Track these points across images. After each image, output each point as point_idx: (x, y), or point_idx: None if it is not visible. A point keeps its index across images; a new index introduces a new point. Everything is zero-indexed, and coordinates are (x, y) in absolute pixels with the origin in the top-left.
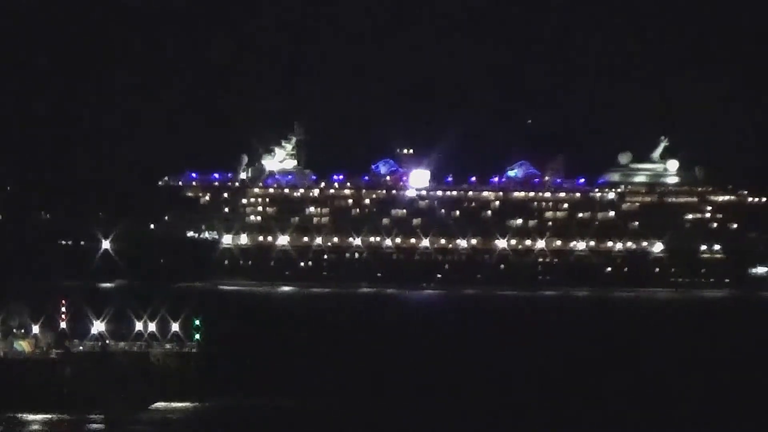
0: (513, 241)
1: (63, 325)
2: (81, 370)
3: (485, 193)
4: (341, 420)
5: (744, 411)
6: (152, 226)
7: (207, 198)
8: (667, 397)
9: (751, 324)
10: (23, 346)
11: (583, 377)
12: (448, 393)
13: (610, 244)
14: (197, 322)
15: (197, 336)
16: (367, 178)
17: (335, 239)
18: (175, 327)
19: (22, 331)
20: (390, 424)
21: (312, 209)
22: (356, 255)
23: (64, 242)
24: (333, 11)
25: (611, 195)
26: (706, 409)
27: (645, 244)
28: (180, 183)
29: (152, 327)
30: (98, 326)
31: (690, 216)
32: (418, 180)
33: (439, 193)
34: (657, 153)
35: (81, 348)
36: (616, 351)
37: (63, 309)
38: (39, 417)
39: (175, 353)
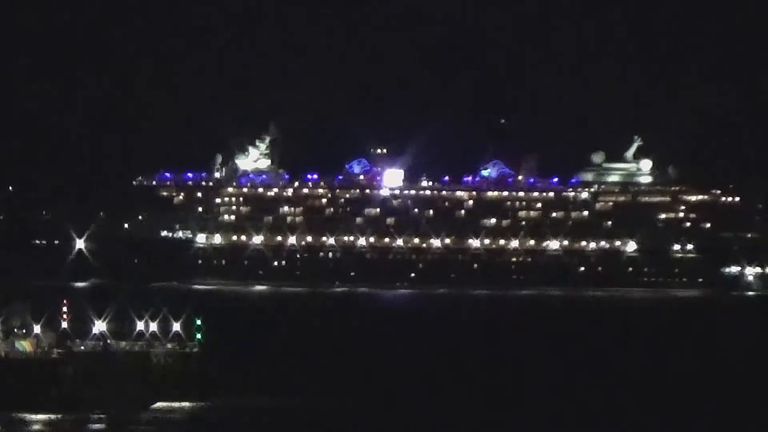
0: (486, 241)
1: (64, 325)
2: (82, 369)
3: (459, 193)
4: (341, 420)
5: (716, 410)
6: (126, 225)
7: (181, 197)
8: (638, 396)
9: (723, 323)
10: (24, 346)
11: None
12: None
13: (583, 243)
14: (199, 322)
15: (198, 336)
16: (340, 177)
17: (309, 239)
18: (176, 327)
19: (24, 331)
20: (389, 424)
21: (286, 209)
22: (330, 254)
23: (38, 242)
24: (306, 10)
25: (585, 195)
26: (674, 408)
27: (618, 243)
28: (154, 183)
29: (153, 327)
30: (99, 326)
31: (663, 215)
32: (391, 179)
33: (413, 192)
34: (630, 153)
35: (82, 348)
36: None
37: (64, 309)
38: (40, 417)
39: (176, 353)
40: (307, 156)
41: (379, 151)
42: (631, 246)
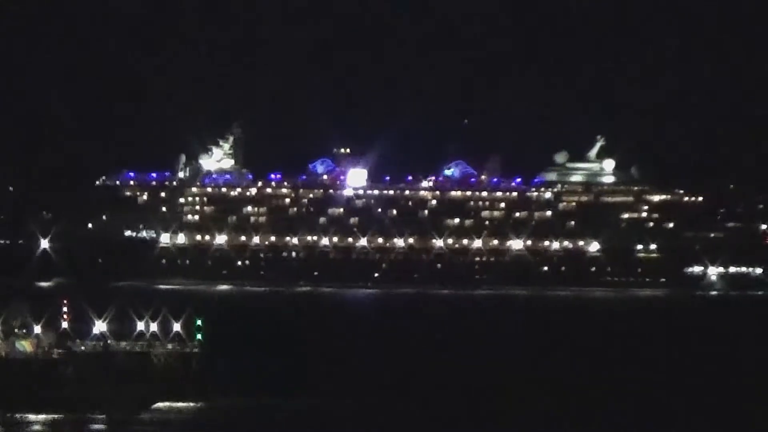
0: (450, 241)
1: (65, 325)
2: (83, 370)
3: (422, 193)
4: (340, 419)
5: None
6: (90, 225)
7: (144, 197)
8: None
9: (687, 323)
10: (25, 346)
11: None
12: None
13: (546, 243)
14: (199, 322)
15: (199, 336)
16: (304, 177)
17: (272, 238)
18: (176, 327)
19: (24, 331)
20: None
21: (249, 208)
22: (293, 254)
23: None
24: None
25: (548, 194)
26: (636, 407)
27: (581, 243)
28: (117, 182)
29: (154, 327)
30: (99, 326)
31: (626, 215)
32: (355, 179)
33: (376, 192)
34: (593, 152)
35: (83, 348)
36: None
37: (65, 309)
38: (40, 417)
39: (176, 353)
40: (271, 156)
41: (342, 150)
42: (595, 246)
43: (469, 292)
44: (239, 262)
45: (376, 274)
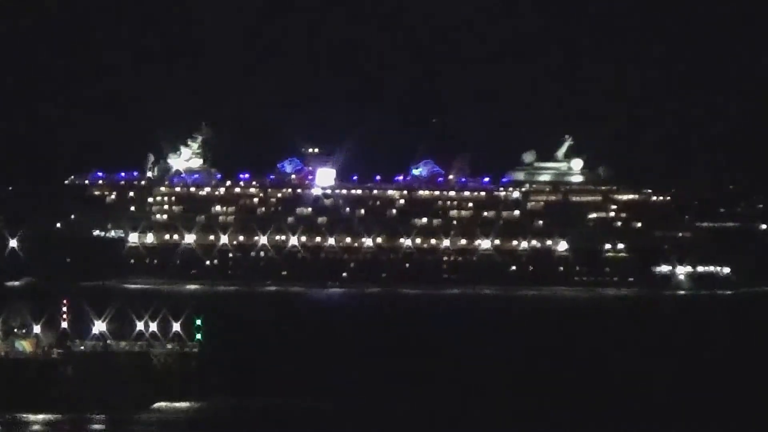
0: (418, 240)
1: (64, 325)
2: (82, 369)
3: (390, 192)
4: (339, 419)
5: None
6: (59, 225)
7: (113, 197)
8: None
9: (653, 322)
10: (25, 345)
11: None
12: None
13: (514, 242)
14: (199, 322)
15: (198, 336)
16: (272, 176)
17: (241, 238)
18: (176, 327)
19: (24, 330)
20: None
21: (218, 208)
22: (262, 253)
23: None
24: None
25: (516, 194)
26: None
27: (549, 242)
28: (86, 182)
29: (153, 327)
30: (99, 326)
31: (594, 215)
32: (323, 178)
33: (345, 191)
34: (561, 152)
35: (82, 348)
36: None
37: (64, 309)
38: (40, 417)
39: (176, 353)
40: (239, 155)
41: (311, 150)
42: (563, 245)
43: (437, 292)
44: (207, 262)
45: (345, 274)
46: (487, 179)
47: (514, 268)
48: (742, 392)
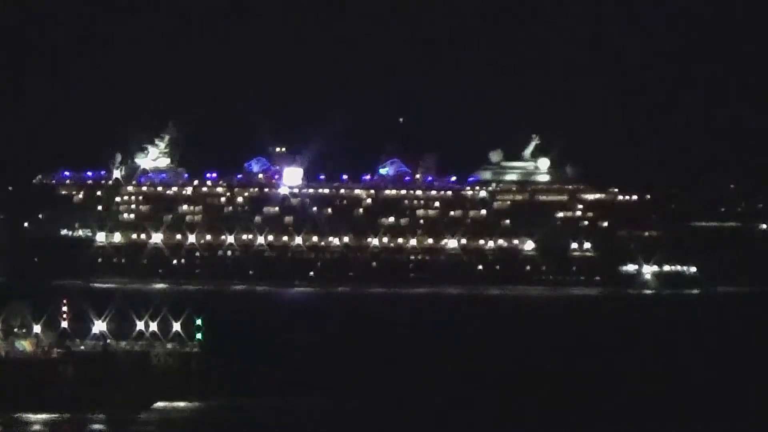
0: (385, 239)
1: (64, 325)
2: (82, 369)
3: (357, 191)
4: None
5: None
6: (26, 224)
7: (80, 196)
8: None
9: (620, 321)
10: (25, 345)
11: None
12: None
13: (481, 242)
14: (199, 322)
15: (198, 336)
16: (240, 176)
17: (208, 237)
18: (176, 327)
19: (24, 331)
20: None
21: (185, 207)
22: (229, 253)
23: None
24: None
25: (483, 193)
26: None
27: (516, 242)
28: (53, 181)
29: (153, 327)
30: (99, 326)
31: (561, 214)
32: (290, 178)
33: (312, 190)
34: (528, 151)
35: (82, 348)
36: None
37: (64, 309)
38: (40, 417)
39: (176, 353)
40: (207, 155)
41: (278, 149)
42: (529, 244)
43: (404, 291)
44: (175, 261)
45: (312, 273)
46: (454, 178)
47: (480, 267)
48: (707, 391)
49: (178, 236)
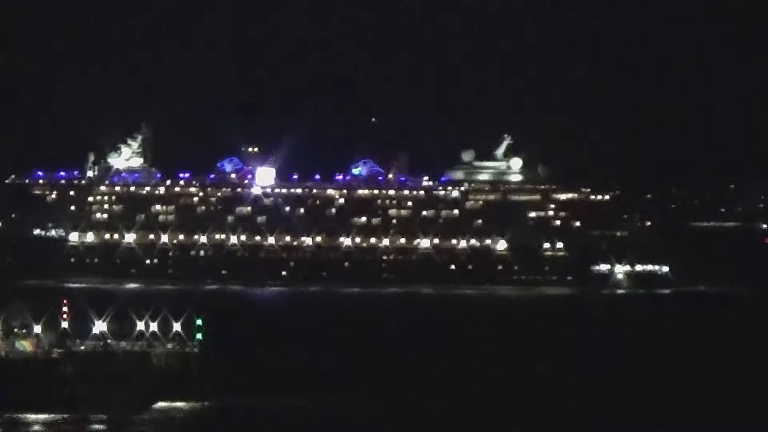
0: (357, 239)
1: (64, 325)
2: (82, 369)
3: (330, 191)
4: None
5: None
6: None
7: (54, 196)
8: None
9: (592, 321)
10: (25, 345)
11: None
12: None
13: (454, 241)
14: (199, 322)
15: (199, 336)
16: (212, 176)
17: (181, 237)
18: (176, 327)
19: (24, 331)
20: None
21: (158, 207)
22: (201, 252)
23: None
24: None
25: (455, 193)
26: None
27: (489, 241)
28: (27, 181)
29: (154, 327)
30: (99, 326)
31: (533, 214)
32: (263, 178)
33: (284, 190)
34: (500, 151)
35: (82, 348)
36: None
37: (64, 309)
38: (41, 416)
39: (176, 353)
40: (180, 155)
41: (250, 149)
42: (502, 244)
43: (376, 290)
44: (148, 261)
45: (284, 273)
46: (426, 178)
47: (453, 267)
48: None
49: (151, 236)
